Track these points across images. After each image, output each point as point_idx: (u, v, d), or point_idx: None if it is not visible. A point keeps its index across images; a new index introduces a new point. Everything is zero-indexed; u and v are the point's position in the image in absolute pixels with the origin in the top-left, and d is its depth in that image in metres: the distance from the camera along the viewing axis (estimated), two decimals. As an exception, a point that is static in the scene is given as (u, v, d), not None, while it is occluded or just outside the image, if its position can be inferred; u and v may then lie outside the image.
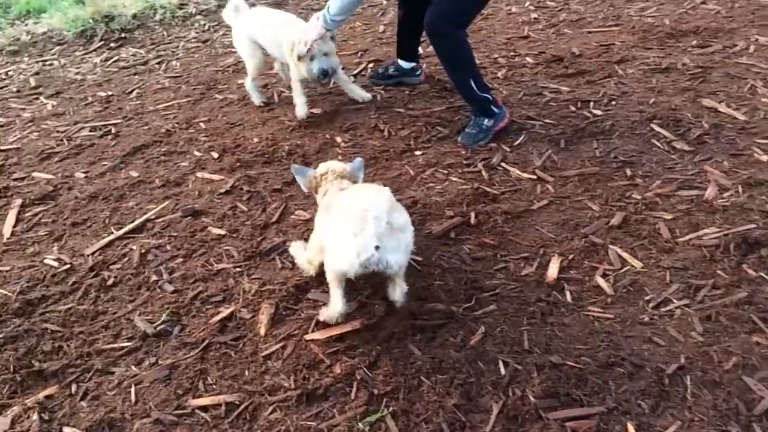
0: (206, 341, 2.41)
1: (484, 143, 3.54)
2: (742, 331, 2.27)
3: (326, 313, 2.41)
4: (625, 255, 2.68)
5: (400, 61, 4.30)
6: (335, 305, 2.37)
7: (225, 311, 2.54)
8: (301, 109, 3.94)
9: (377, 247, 2.09)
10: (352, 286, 2.48)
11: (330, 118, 3.97)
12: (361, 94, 4.14)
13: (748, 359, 2.16)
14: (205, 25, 6.16)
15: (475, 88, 3.47)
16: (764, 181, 2.98)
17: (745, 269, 2.53)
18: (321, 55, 3.66)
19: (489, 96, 3.52)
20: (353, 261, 2.14)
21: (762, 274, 2.49)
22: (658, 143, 3.38)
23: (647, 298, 2.46)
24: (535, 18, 5.15)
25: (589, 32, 4.77)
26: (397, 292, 2.39)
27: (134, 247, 2.94)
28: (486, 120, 3.55)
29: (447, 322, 2.42)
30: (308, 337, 2.38)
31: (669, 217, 2.85)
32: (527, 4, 5.47)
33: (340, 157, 3.52)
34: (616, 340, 2.29)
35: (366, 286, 2.60)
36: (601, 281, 2.56)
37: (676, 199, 2.96)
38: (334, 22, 3.50)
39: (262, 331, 2.43)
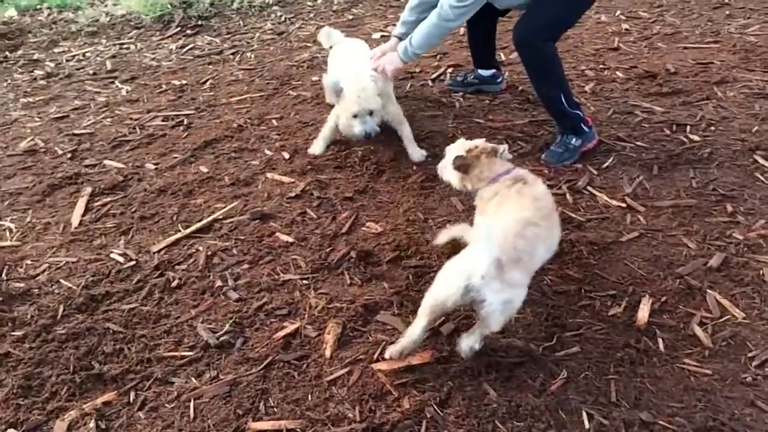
0: (269, 358, 2.29)
1: (569, 163, 3.32)
2: None
3: (395, 346, 2.23)
4: (725, 302, 2.44)
5: (479, 70, 4.12)
6: (414, 332, 2.18)
7: (290, 327, 2.42)
8: (317, 147, 3.60)
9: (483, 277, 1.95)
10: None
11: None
12: (416, 153, 3.48)
13: None
14: (281, 16, 6.09)
15: (565, 103, 3.25)
16: None
17: None
18: (366, 115, 3.26)
19: (579, 113, 3.30)
20: (458, 284, 1.99)
21: None
22: (762, 177, 3.10)
23: (750, 354, 2.23)
24: (626, 29, 4.86)
25: (685, 48, 4.47)
26: (469, 340, 2.17)
27: (200, 248, 2.86)
28: (574, 139, 3.33)
29: (525, 361, 2.24)
30: (376, 366, 2.23)
31: (774, 262, 2.60)
32: (618, 13, 5.18)
33: (415, 167, 3.37)
34: (715, 400, 2.07)
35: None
36: (698, 330, 2.33)
37: (783, 243, 2.70)
38: (415, 55, 3.33)
39: (328, 353, 2.30)
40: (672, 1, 5.21)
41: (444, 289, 2.07)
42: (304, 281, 2.66)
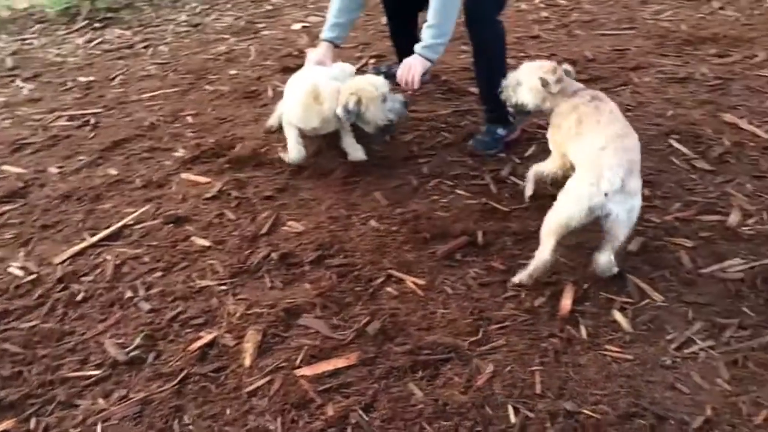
0: (184, 372, 2.17)
1: (494, 152, 3.31)
2: (773, 381, 2.07)
3: (524, 272, 2.45)
4: (644, 286, 2.47)
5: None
6: (543, 256, 2.40)
7: (206, 336, 2.30)
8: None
9: (606, 194, 2.25)
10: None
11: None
12: (357, 152, 3.29)
13: (780, 414, 1.96)
14: (197, 7, 5.87)
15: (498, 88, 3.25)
16: (791, 207, 2.78)
17: (773, 308, 2.33)
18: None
19: None
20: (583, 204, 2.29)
21: (793, 315, 2.29)
22: (677, 161, 3.17)
23: (669, 337, 2.25)
24: (545, 17, 4.91)
25: (602, 35, 4.54)
26: (605, 255, 2.40)
27: (108, 257, 2.69)
28: (500, 128, 3.31)
29: (451, 357, 2.21)
30: (298, 372, 2.15)
31: (690, 244, 2.64)
32: (537, 1, 5.22)
33: (337, 162, 3.27)
34: (637, 385, 2.08)
35: (362, 312, 2.38)
36: (618, 316, 2.35)
37: (698, 225, 2.75)
38: (445, 46, 3.07)
39: (247, 362, 2.20)
40: (588, -12, 5.31)
41: (568, 211, 2.35)
42: (222, 287, 2.53)
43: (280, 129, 3.41)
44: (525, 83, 2.75)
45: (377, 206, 2.99)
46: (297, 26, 5.22)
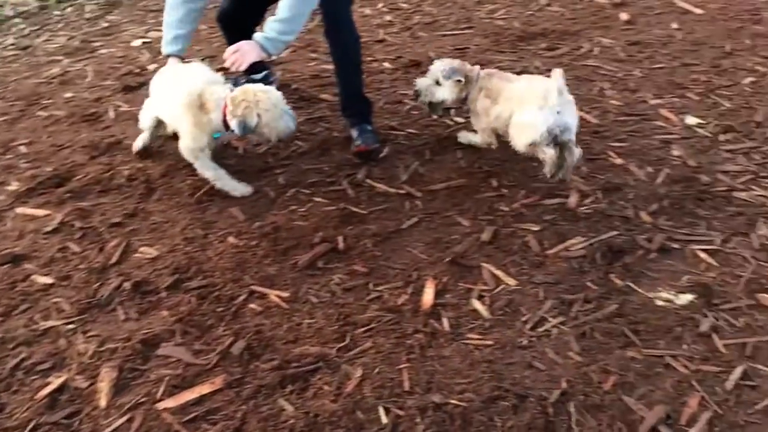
0: (32, 423, 2.00)
1: (379, 145, 3.36)
2: (617, 347, 2.24)
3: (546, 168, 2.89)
4: (498, 273, 2.59)
5: (250, 74, 3.97)
6: (551, 154, 2.85)
7: (55, 381, 2.14)
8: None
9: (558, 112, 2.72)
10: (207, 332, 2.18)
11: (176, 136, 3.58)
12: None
13: (625, 377, 2.13)
14: (24, 29, 5.44)
15: (363, 88, 3.30)
16: (621, 185, 3.03)
17: (612, 279, 2.52)
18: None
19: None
20: (541, 128, 2.73)
21: (628, 283, 2.49)
22: (520, 150, 3.35)
23: (524, 318, 2.38)
24: (389, 20, 5.03)
25: (444, 35, 4.72)
26: (576, 153, 2.87)
27: (-65, 309, 2.43)
28: (368, 125, 3.37)
29: (320, 367, 2.20)
30: (161, 405, 2.04)
31: (536, 228, 2.81)
32: (380, 5, 5.34)
33: (189, 180, 3.16)
34: (498, 369, 2.18)
35: (226, 333, 2.31)
36: (477, 304, 2.45)
37: (542, 209, 2.93)
38: (286, 45, 2.96)
39: (103, 403, 2.06)
40: (428, -9, 5.51)
41: (533, 137, 2.80)
42: (70, 326, 2.37)
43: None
44: (443, 82, 3.07)
45: (234, 222, 2.92)
46: (137, 42, 4.99)
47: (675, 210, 2.84)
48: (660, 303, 2.39)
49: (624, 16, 4.71)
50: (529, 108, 2.79)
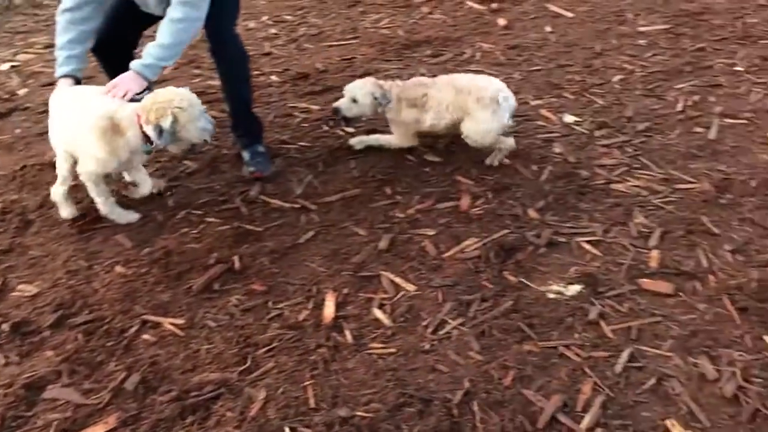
0: None
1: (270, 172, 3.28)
2: (514, 342, 2.32)
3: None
4: (397, 280, 2.62)
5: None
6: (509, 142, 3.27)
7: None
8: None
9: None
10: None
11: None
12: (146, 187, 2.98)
13: (523, 371, 2.20)
14: None
15: (252, 106, 3.25)
16: (509, 184, 3.14)
17: (506, 276, 2.61)
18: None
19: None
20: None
21: (521, 279, 2.59)
22: (411, 157, 3.40)
23: (425, 323, 2.42)
24: (274, 33, 4.98)
25: (330, 46, 4.73)
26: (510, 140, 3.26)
27: None
28: (260, 146, 3.31)
29: (222, 393, 2.14)
30: (48, 453, 1.91)
31: (432, 233, 2.86)
32: (264, 18, 5.28)
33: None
34: (402, 375, 2.20)
35: (118, 368, 2.20)
36: (378, 313, 2.46)
37: (436, 213, 2.99)
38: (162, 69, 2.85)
39: (-16, 459, 1.90)
40: (312, 2, 5.49)
41: (490, 140, 3.19)
42: (-58, 378, 2.17)
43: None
44: (361, 99, 3.24)
45: (121, 250, 2.79)
46: (5, 66, 4.67)
47: (559, 205, 2.98)
48: (551, 296, 2.50)
49: (502, 21, 4.91)
50: (485, 112, 3.13)
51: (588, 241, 2.75)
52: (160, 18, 2.89)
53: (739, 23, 4.61)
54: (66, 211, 2.92)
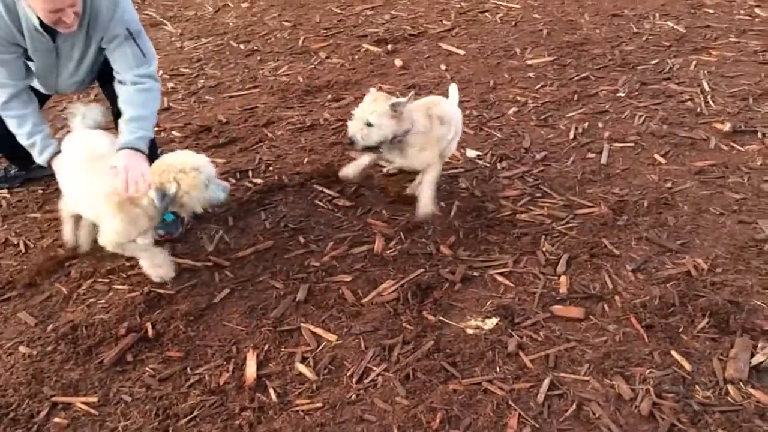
0: None
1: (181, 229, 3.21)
2: (439, 382, 2.35)
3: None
4: (318, 331, 2.60)
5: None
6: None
7: None
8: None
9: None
10: None
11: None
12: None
13: (450, 411, 2.23)
14: None
15: None
16: (420, 223, 3.21)
17: (425, 316, 2.65)
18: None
19: None
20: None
21: (440, 318, 2.63)
22: (321, 203, 3.42)
23: (349, 372, 2.41)
24: (172, 87, 4.89)
25: (231, 96, 4.70)
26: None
27: None
28: None
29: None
30: None
31: (349, 278, 2.87)
32: (160, 73, 5.18)
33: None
34: (331, 431, 2.18)
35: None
36: (302, 367, 2.44)
37: (351, 258, 3.01)
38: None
39: None
40: (208, 54, 5.44)
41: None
42: None
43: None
44: (376, 122, 2.96)
45: (24, 329, 2.64)
46: None
47: (470, 240, 3.07)
48: (470, 331, 2.55)
49: (398, 62, 5.05)
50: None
51: (500, 273, 2.84)
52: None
53: (617, 51, 4.95)
54: None
